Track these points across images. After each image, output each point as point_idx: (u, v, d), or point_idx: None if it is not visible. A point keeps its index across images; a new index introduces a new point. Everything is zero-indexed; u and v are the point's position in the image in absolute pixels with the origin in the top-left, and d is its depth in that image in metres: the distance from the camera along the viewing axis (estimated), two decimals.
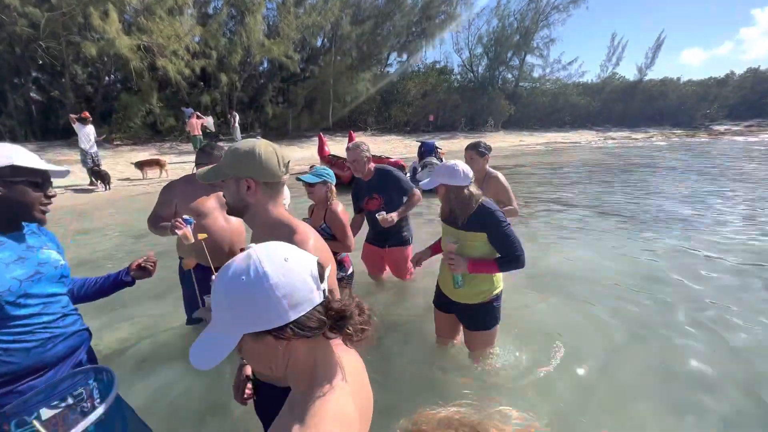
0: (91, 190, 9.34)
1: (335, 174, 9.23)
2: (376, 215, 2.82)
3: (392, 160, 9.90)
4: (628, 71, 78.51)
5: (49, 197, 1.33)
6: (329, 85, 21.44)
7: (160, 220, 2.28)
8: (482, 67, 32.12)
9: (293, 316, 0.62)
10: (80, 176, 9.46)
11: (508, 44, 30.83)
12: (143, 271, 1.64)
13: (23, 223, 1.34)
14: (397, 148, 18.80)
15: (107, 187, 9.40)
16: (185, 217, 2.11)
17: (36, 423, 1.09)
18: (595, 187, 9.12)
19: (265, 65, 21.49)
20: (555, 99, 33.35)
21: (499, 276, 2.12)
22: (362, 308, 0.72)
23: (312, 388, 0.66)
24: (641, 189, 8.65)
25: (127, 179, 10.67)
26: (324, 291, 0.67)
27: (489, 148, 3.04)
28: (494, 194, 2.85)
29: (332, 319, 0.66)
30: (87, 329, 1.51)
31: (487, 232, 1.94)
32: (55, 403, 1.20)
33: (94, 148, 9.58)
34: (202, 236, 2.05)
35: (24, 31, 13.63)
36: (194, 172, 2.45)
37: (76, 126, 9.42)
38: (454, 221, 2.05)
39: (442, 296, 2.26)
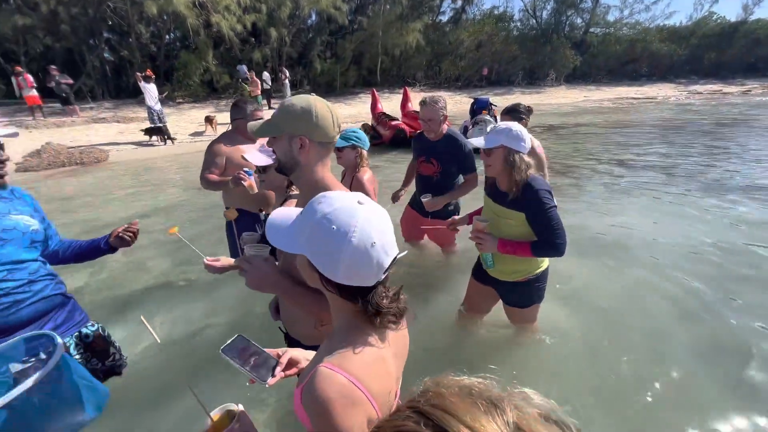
0: (151, 145, 10.14)
1: (378, 132, 9.13)
2: (422, 199, 2.65)
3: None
4: (728, 10, 65.57)
5: (2, 161, 1.35)
6: (378, 37, 20.55)
7: (211, 177, 2.42)
8: (547, 11, 28.78)
9: (342, 281, 0.70)
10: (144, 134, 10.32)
11: None
12: (121, 240, 1.63)
13: None
14: (447, 104, 17.97)
15: (168, 141, 10.14)
16: (246, 169, 2.23)
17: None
18: (668, 148, 8.15)
19: (314, 18, 21.00)
20: (631, 47, 29.27)
21: (538, 258, 1.90)
22: (399, 297, 0.77)
23: (339, 335, 0.74)
24: (726, 152, 7.59)
25: (195, 133, 11.40)
26: (378, 281, 0.72)
27: (530, 110, 2.70)
28: None
29: (370, 305, 0.72)
30: (62, 294, 1.55)
31: (527, 212, 1.75)
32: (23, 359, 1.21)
33: (158, 106, 10.29)
34: (231, 215, 2.28)
35: None
36: (229, 129, 2.57)
37: (142, 84, 10.10)
38: (497, 194, 1.87)
39: (482, 268, 2.14)
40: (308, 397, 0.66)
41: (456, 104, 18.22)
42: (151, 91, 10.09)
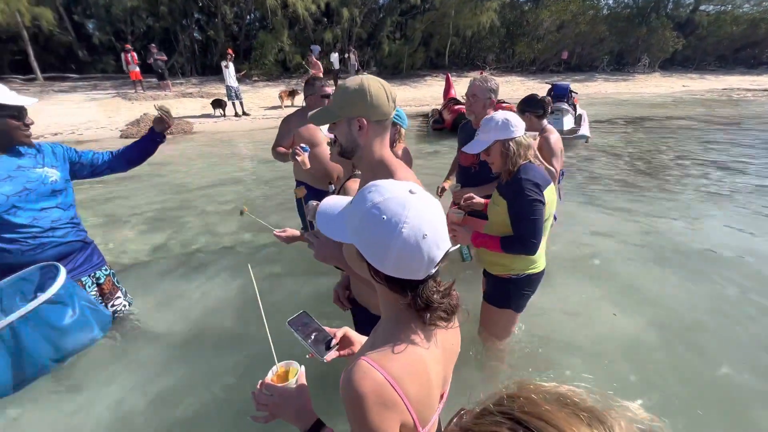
0: (225, 118, 10.94)
1: (441, 116, 8.90)
2: (451, 189, 2.53)
3: (505, 105, 8.85)
4: None
5: (27, 125, 1.66)
6: (450, 17, 19.76)
7: (278, 146, 2.61)
8: None
9: (390, 272, 0.68)
10: (228, 109, 11.16)
11: None
12: (160, 121, 1.93)
13: (20, 148, 1.69)
14: (517, 90, 16.89)
15: (242, 116, 10.93)
16: (302, 145, 2.37)
17: None
18: None
19: None
20: (752, 28, 24.79)
21: (526, 259, 1.72)
22: (451, 293, 0.73)
23: (387, 330, 0.73)
24: None
25: (272, 107, 12.13)
26: (429, 275, 0.69)
27: (548, 103, 2.48)
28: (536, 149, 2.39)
29: (419, 299, 0.69)
30: (82, 240, 1.90)
31: (508, 200, 1.64)
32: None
33: (236, 83, 11.14)
34: (300, 193, 2.30)
35: None
36: (303, 106, 2.66)
37: (223, 64, 10.89)
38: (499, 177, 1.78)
39: None
40: (344, 386, 0.66)
41: (528, 90, 17.01)
42: (230, 70, 10.89)
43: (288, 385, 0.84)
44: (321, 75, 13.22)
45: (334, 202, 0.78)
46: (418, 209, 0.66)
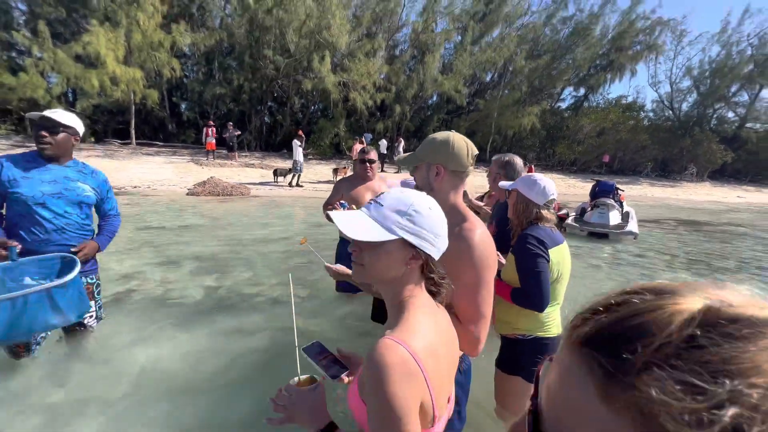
0: (280, 186, 11.90)
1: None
2: None
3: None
4: None
5: (78, 139, 2.11)
6: (492, 118, 21.51)
7: (330, 204, 2.89)
8: (688, 103, 26.49)
9: (435, 255, 0.82)
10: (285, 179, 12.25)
11: (732, 75, 24.53)
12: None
13: (75, 160, 2.15)
14: (558, 188, 17.12)
15: (296, 187, 11.90)
16: (341, 201, 2.64)
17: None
18: None
19: (435, 98, 23.25)
20: None
21: (532, 317, 1.68)
22: (444, 278, 0.87)
23: (402, 317, 0.78)
24: None
25: (324, 181, 13.15)
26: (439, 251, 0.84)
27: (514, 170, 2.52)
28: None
29: (436, 275, 0.85)
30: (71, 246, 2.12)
31: (515, 256, 1.69)
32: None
33: (302, 159, 12.65)
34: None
35: (270, 73, 18.78)
36: (349, 174, 2.98)
37: (296, 142, 12.38)
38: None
39: None
40: (369, 361, 0.68)
41: (569, 187, 17.26)
42: (300, 147, 12.44)
43: (308, 389, 0.88)
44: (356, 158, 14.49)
45: (351, 214, 0.84)
46: (432, 202, 0.85)
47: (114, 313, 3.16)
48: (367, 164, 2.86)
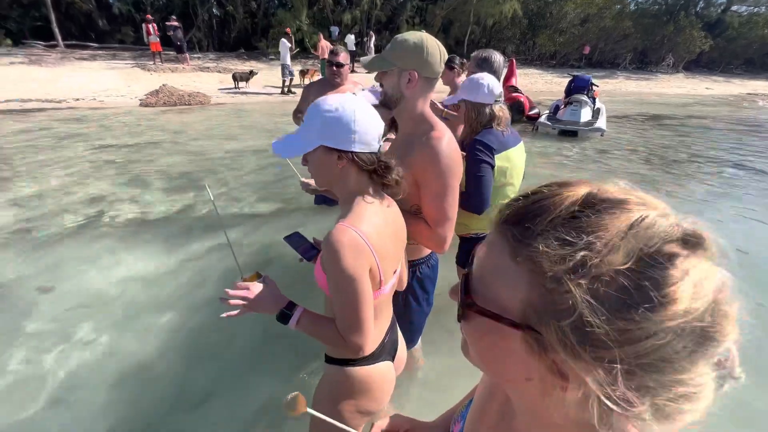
0: (243, 93, 11.01)
1: (520, 102, 8.24)
2: None
3: (517, 95, 8.03)
4: None
5: None
6: (471, 4, 19.42)
7: (301, 112, 2.79)
8: None
9: (356, 148, 0.87)
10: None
11: None
12: None
13: None
14: (535, 84, 16.66)
15: (287, 91, 11.00)
16: None
17: None
18: None
19: None
20: None
21: (484, 218, 1.71)
22: (399, 170, 0.95)
23: (350, 208, 0.92)
24: None
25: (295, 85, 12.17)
26: (379, 147, 0.92)
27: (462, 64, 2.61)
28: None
29: (380, 166, 0.91)
30: None
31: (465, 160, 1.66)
32: None
33: (290, 62, 11.34)
34: None
35: None
36: (318, 76, 2.77)
37: (283, 41, 10.96)
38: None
39: None
40: (326, 243, 0.83)
41: (546, 84, 16.82)
42: (289, 48, 11.04)
43: (259, 281, 0.98)
44: (325, 58, 13.09)
45: (281, 138, 0.95)
46: (364, 104, 0.88)
47: (89, 233, 3.18)
48: (334, 68, 2.65)
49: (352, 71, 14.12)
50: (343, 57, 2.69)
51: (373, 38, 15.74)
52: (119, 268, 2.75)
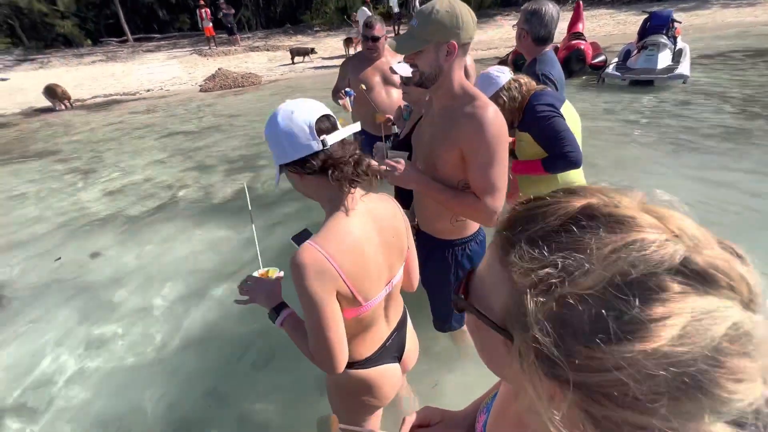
0: (292, 70, 11.17)
1: (580, 50, 6.85)
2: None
3: (575, 42, 7.15)
4: None
5: None
6: None
7: (338, 90, 2.67)
8: None
9: (293, 156, 0.83)
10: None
11: None
12: None
13: None
14: (604, 26, 14.64)
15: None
16: (347, 89, 2.49)
17: None
18: None
19: None
20: None
21: (556, 181, 1.74)
22: (361, 160, 0.87)
23: (324, 225, 0.89)
24: None
25: (337, 56, 12.17)
26: (322, 142, 0.82)
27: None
28: None
29: (329, 166, 0.83)
30: None
31: (531, 131, 1.66)
32: None
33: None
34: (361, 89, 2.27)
35: None
36: (357, 51, 2.64)
37: (361, 11, 10.76)
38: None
39: None
40: (291, 264, 0.82)
41: (617, 25, 14.69)
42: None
43: (269, 280, 1.06)
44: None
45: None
46: (286, 105, 0.85)
47: (166, 217, 3.59)
48: (370, 42, 2.51)
49: (397, 34, 13.57)
50: (378, 29, 2.50)
51: None
52: (189, 245, 3.10)
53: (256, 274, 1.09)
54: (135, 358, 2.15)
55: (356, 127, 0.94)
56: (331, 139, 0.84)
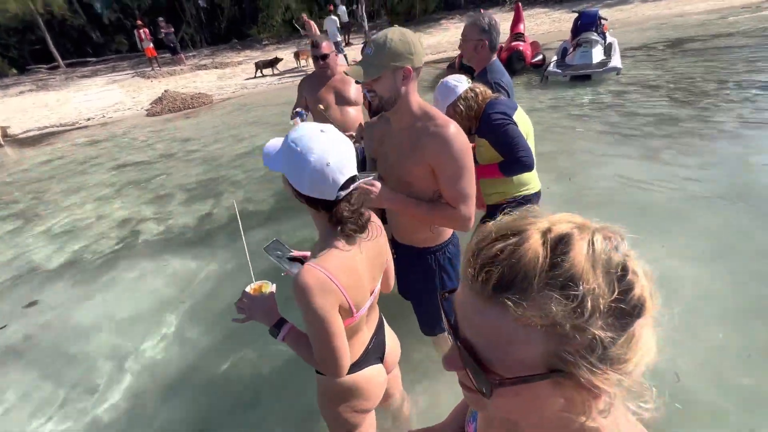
0: (245, 83, 10.93)
1: (520, 51, 7.50)
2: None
3: (515, 44, 7.65)
4: None
5: None
6: None
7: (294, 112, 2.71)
8: None
9: (308, 193, 0.89)
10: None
11: None
12: None
13: None
14: (540, 25, 15.58)
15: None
16: (298, 110, 2.58)
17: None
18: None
19: None
20: None
21: (515, 182, 1.90)
22: (363, 217, 0.95)
23: (322, 247, 0.95)
24: None
25: (289, 69, 12.00)
26: (339, 196, 0.89)
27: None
28: None
29: (334, 216, 0.91)
30: None
31: (488, 138, 1.77)
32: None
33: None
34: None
35: None
36: (311, 72, 2.68)
37: (331, 17, 10.69)
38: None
39: None
40: (295, 285, 0.87)
41: (554, 23, 15.68)
42: (336, 25, 10.59)
43: (260, 294, 1.08)
44: (318, 33, 12.61)
45: (274, 142, 0.96)
46: (323, 143, 0.86)
47: (127, 255, 3.38)
48: (320, 60, 2.52)
49: (347, 44, 13.66)
50: (325, 47, 2.52)
51: (364, 4, 15.02)
52: (156, 282, 2.94)
53: (248, 288, 1.10)
54: (128, 405, 2.01)
55: (368, 176, 1.02)
56: (345, 192, 0.90)
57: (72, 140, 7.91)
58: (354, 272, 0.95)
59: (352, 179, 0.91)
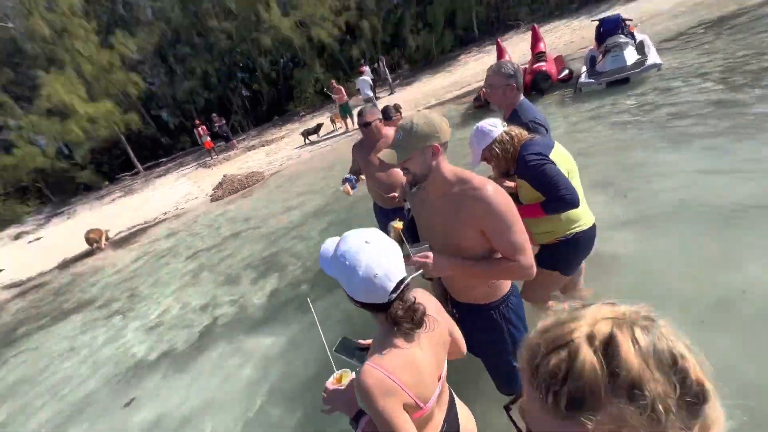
0: (293, 151, 11.87)
1: (544, 72, 7.64)
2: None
3: (537, 65, 7.47)
4: None
5: None
6: None
7: (353, 172, 2.94)
8: None
9: (362, 300, 0.94)
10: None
11: None
12: None
13: None
14: (561, 37, 15.42)
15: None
16: (346, 176, 2.80)
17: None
18: None
19: None
20: None
21: (565, 219, 1.85)
22: (416, 308, 0.97)
23: (380, 344, 0.98)
24: None
25: (328, 133, 12.96)
26: (390, 298, 0.93)
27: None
28: None
29: (388, 317, 0.95)
30: None
31: (527, 180, 1.78)
32: None
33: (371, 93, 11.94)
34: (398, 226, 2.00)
35: (225, 44, 17.53)
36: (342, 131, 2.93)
37: (362, 79, 11.97)
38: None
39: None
40: (356, 387, 0.90)
41: (574, 32, 15.45)
42: (369, 84, 11.87)
43: (341, 386, 1.13)
44: (344, 97, 13.35)
45: (329, 244, 1.02)
46: (369, 255, 0.91)
47: (211, 341, 3.66)
48: (363, 128, 2.69)
49: (377, 98, 14.52)
50: (369, 115, 2.65)
51: (384, 60, 16.07)
52: (237, 369, 3.14)
53: (331, 378, 1.17)
54: None
55: (420, 248, 1.17)
56: (396, 293, 0.95)
57: (154, 235, 9.05)
58: (415, 368, 0.97)
59: (402, 281, 0.95)
